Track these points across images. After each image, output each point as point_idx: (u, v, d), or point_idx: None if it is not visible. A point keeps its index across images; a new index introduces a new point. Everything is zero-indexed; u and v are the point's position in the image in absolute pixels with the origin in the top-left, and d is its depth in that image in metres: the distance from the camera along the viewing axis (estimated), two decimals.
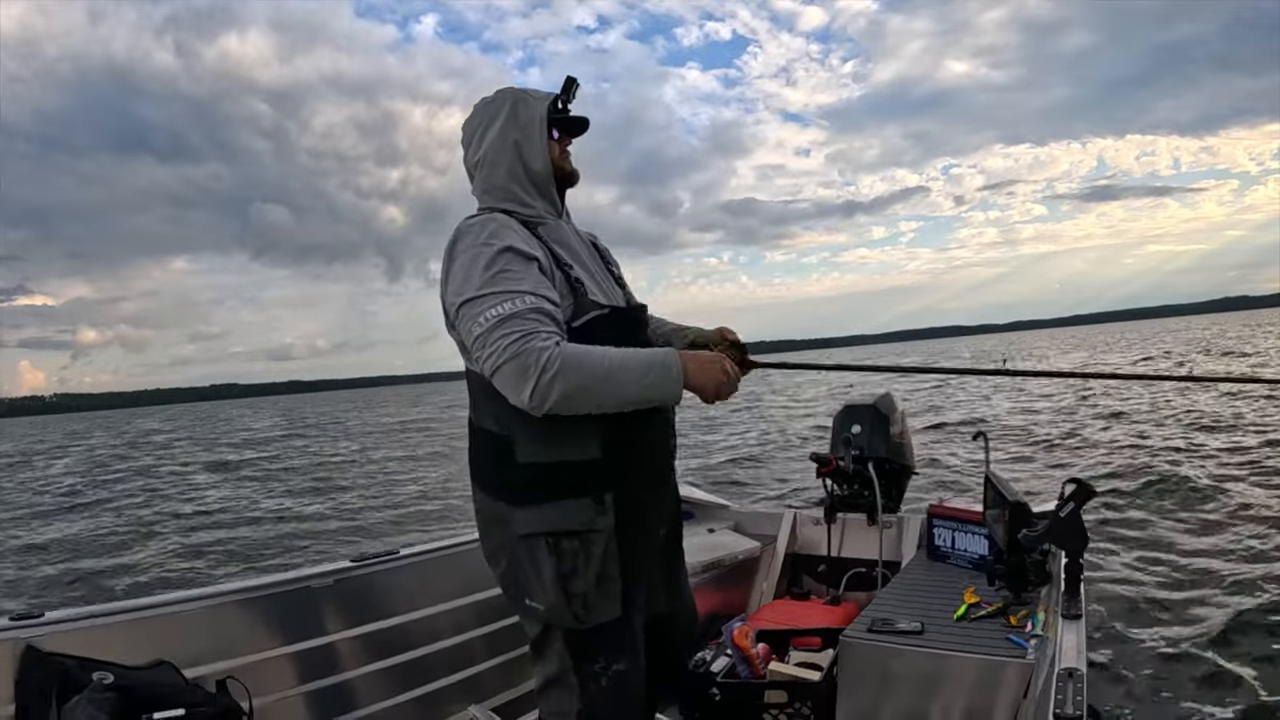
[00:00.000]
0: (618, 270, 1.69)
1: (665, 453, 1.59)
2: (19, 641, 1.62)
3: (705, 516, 3.27)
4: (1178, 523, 5.71)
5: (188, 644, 1.86)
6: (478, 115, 1.58)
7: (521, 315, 1.31)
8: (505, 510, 1.46)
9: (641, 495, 1.51)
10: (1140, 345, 39.17)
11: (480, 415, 1.49)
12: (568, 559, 1.41)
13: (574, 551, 1.41)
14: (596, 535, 1.42)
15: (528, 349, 1.27)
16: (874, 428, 3.08)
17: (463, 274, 1.37)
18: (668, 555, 1.65)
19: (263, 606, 2.03)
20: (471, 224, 1.44)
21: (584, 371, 1.30)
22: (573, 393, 1.29)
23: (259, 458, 18.54)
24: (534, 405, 1.29)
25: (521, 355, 1.27)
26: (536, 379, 1.26)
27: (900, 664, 1.88)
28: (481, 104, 1.58)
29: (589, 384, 1.31)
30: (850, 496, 3.07)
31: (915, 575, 2.49)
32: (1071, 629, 1.67)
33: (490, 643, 2.42)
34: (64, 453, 26.37)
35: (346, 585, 2.18)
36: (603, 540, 1.42)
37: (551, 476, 1.42)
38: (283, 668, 2.03)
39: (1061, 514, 1.85)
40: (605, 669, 1.47)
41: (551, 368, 1.27)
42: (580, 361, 1.30)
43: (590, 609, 1.43)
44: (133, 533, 9.07)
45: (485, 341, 1.31)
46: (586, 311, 1.44)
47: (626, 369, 1.34)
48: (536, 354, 1.27)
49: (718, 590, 2.93)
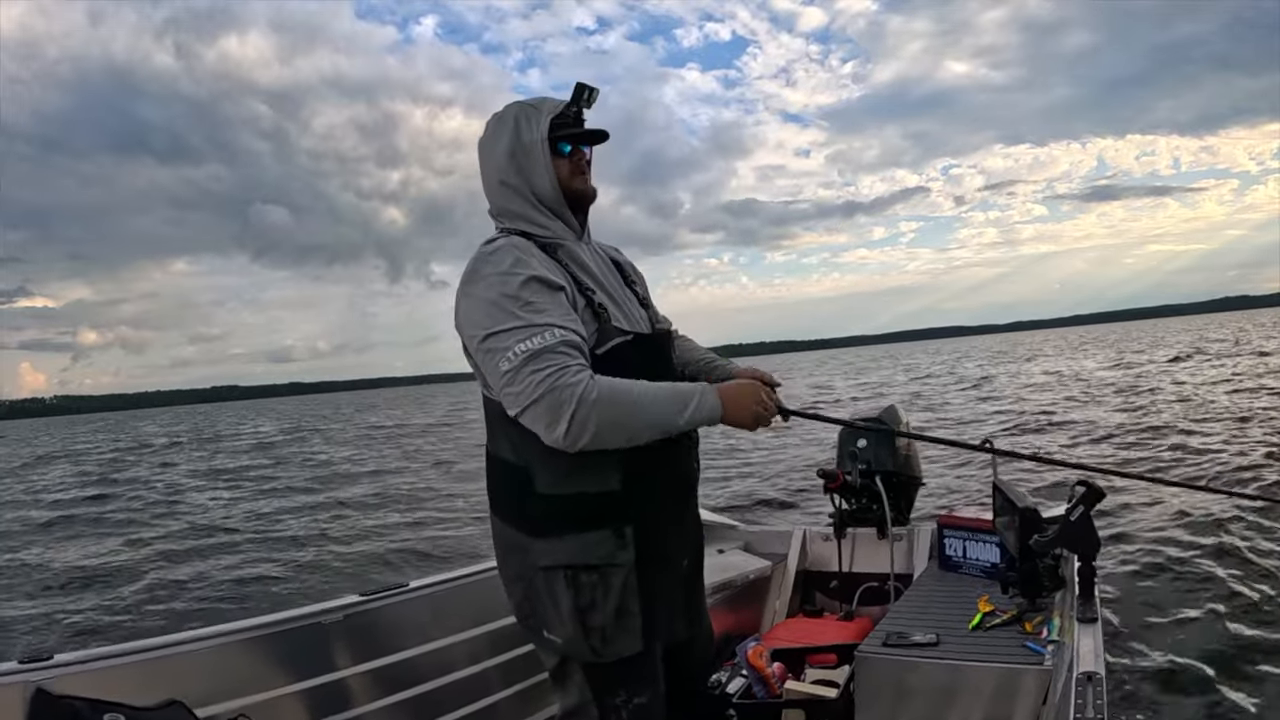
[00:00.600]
0: (641, 289, 1.63)
1: (688, 483, 1.55)
2: (29, 684, 1.61)
3: (715, 537, 3.25)
4: (1193, 522, 5.66)
5: (199, 683, 1.84)
6: (487, 132, 1.50)
7: (552, 350, 1.25)
8: (524, 540, 1.43)
9: (663, 527, 1.46)
10: (1164, 344, 38.84)
11: (497, 445, 1.45)
12: (586, 593, 1.37)
13: (592, 585, 1.37)
14: (616, 570, 1.38)
15: (560, 385, 1.23)
16: (880, 441, 3.07)
17: (485, 306, 1.32)
18: (689, 584, 1.61)
19: (273, 644, 2.01)
20: (489, 251, 1.38)
21: (618, 407, 1.26)
22: (606, 428, 1.25)
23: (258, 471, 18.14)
24: (568, 443, 1.25)
25: (555, 392, 1.22)
26: (571, 416, 1.22)
27: (917, 677, 1.87)
28: (492, 120, 1.50)
29: (623, 420, 1.27)
30: (859, 511, 3.05)
31: (928, 587, 2.48)
32: (1088, 633, 1.66)
33: (505, 673, 2.40)
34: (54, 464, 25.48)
35: (357, 620, 2.17)
36: (622, 574, 1.38)
37: (571, 508, 1.38)
38: (295, 705, 2.01)
39: (1072, 518, 1.85)
40: (626, 702, 1.43)
41: (586, 404, 1.23)
42: (615, 397, 1.26)
43: (609, 642, 1.39)
44: (129, 561, 8.95)
45: (514, 379, 1.26)
46: (610, 339, 1.38)
47: (660, 402, 1.30)
48: (570, 390, 1.23)
49: (730, 611, 2.91)
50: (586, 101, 1.47)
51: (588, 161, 1.51)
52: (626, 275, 1.61)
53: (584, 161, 1.50)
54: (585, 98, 1.47)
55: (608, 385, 1.27)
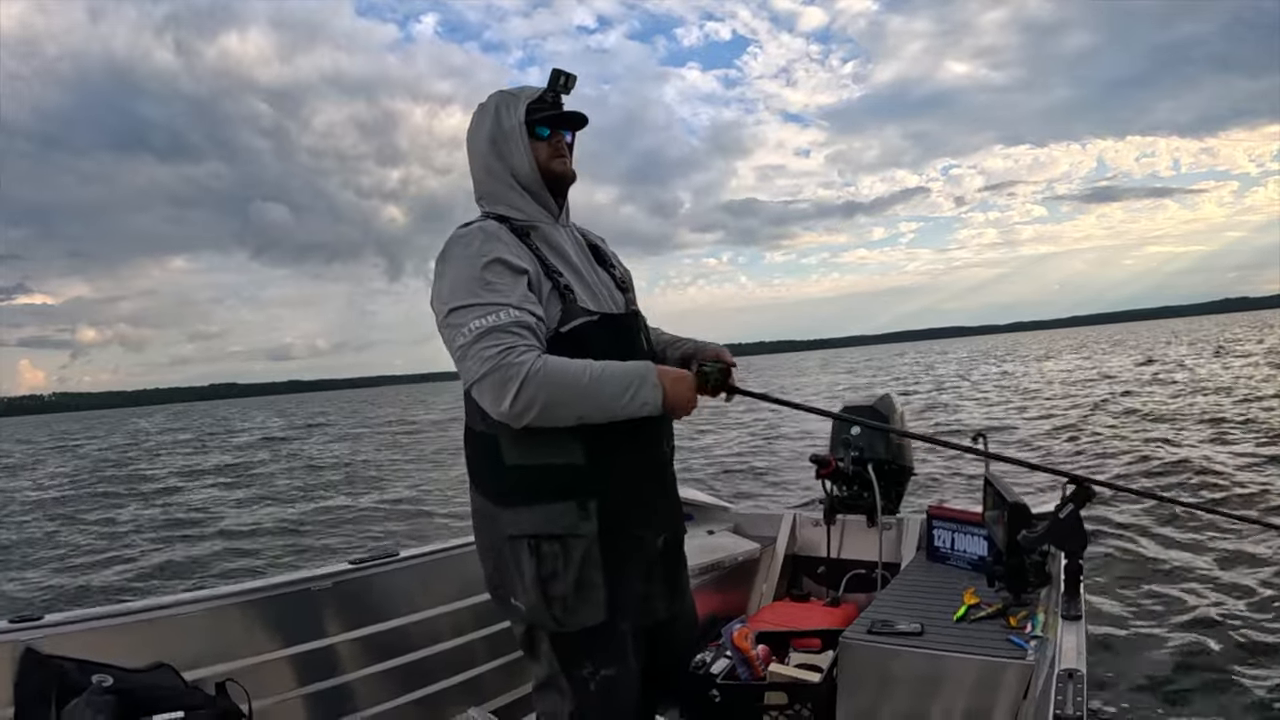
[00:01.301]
0: (620, 273, 1.66)
1: (658, 460, 1.57)
2: (18, 644, 1.62)
3: (705, 518, 3.27)
4: (1179, 523, 5.70)
5: (187, 646, 1.86)
6: (472, 123, 1.57)
7: (504, 328, 1.32)
8: (494, 510, 1.48)
9: (630, 502, 1.49)
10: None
11: (471, 417, 1.50)
12: (548, 562, 1.42)
13: (554, 555, 1.42)
14: (577, 540, 1.42)
15: (507, 362, 1.29)
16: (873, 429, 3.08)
17: (450, 284, 1.39)
18: (668, 563, 1.62)
19: (262, 609, 2.02)
20: (462, 234, 1.45)
21: (563, 384, 1.31)
22: (551, 405, 1.30)
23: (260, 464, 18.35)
24: (513, 416, 1.30)
25: (502, 368, 1.29)
26: (516, 392, 1.28)
27: (900, 665, 1.88)
28: (476, 111, 1.57)
29: (567, 397, 1.32)
30: (850, 498, 3.07)
31: (915, 576, 2.50)
32: (1071, 630, 1.67)
33: (490, 645, 2.42)
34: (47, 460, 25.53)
35: (346, 587, 2.18)
36: (583, 545, 1.42)
37: (536, 479, 1.43)
38: (282, 670, 2.03)
39: (1061, 515, 1.85)
40: (593, 674, 1.47)
41: (532, 381, 1.28)
42: (561, 374, 1.31)
43: (570, 612, 1.43)
44: (127, 537, 9.03)
45: (467, 353, 1.32)
46: (575, 318, 1.43)
47: (606, 382, 1.35)
48: (516, 367, 1.28)
49: (717, 592, 2.93)
50: (564, 87, 1.52)
51: (568, 145, 1.57)
52: (604, 258, 1.64)
53: (562, 144, 1.55)
54: (562, 83, 1.52)
55: (555, 364, 1.32)
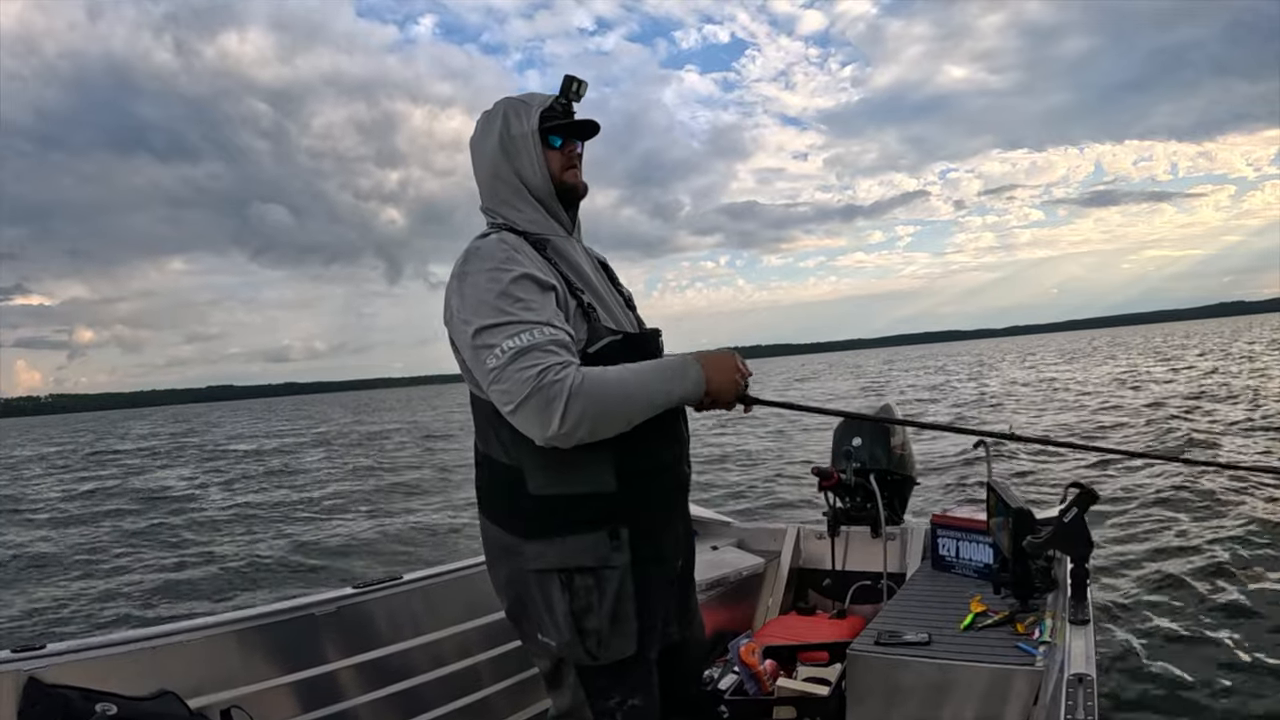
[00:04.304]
0: (627, 293, 1.62)
1: (680, 484, 1.53)
2: (21, 673, 1.60)
3: (708, 534, 3.25)
4: (1186, 525, 5.68)
5: (191, 674, 1.84)
6: (478, 130, 1.50)
7: (540, 348, 1.24)
8: (515, 543, 1.41)
9: (658, 529, 1.45)
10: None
11: (488, 444, 1.43)
12: (581, 596, 1.36)
13: (588, 589, 1.36)
14: (611, 572, 1.36)
15: (548, 381, 1.22)
16: (875, 439, 3.07)
17: (475, 301, 1.30)
18: (681, 586, 1.60)
19: (266, 635, 2.01)
20: (483, 245, 1.37)
21: (608, 393, 1.26)
22: (601, 417, 1.25)
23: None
24: (563, 436, 1.23)
25: (544, 388, 1.21)
26: (563, 411, 1.21)
27: (908, 676, 1.87)
28: (482, 117, 1.51)
29: (615, 405, 1.26)
30: (853, 509, 3.06)
31: (921, 586, 2.49)
32: (1080, 634, 1.67)
33: (497, 666, 2.40)
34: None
35: (349, 612, 2.17)
36: (617, 577, 1.36)
37: (565, 510, 1.36)
38: (287, 696, 2.01)
39: (1065, 519, 1.85)
40: (621, 704, 1.42)
41: (578, 396, 1.22)
42: (603, 383, 1.26)
43: (604, 646, 1.37)
44: (125, 554, 8.94)
45: (501, 376, 1.24)
46: (601, 338, 1.38)
47: (646, 378, 1.31)
48: (559, 385, 1.22)
49: (723, 608, 2.91)
50: (575, 94, 1.46)
51: (579, 155, 1.50)
52: (614, 277, 1.62)
53: (575, 154, 1.49)
54: (574, 90, 1.46)
55: (595, 375, 1.26)
